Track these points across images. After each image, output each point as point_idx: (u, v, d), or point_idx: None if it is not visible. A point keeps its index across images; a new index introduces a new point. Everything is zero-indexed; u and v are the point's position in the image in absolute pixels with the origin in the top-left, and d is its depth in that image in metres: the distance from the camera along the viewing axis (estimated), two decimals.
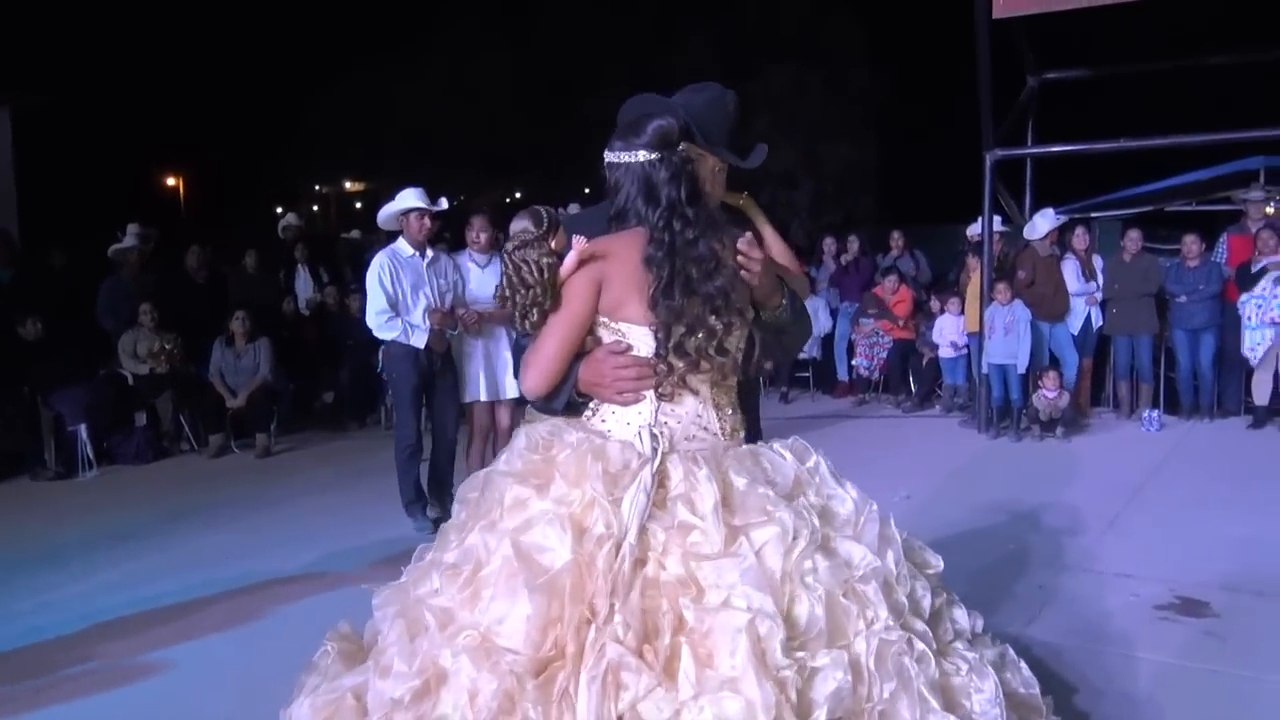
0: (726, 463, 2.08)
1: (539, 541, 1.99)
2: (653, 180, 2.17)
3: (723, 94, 2.44)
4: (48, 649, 4.13)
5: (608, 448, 2.08)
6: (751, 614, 1.87)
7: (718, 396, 2.19)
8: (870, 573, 2.03)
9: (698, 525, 1.97)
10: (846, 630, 1.97)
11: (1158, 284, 8.42)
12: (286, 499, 6.65)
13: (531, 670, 1.88)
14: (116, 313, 8.46)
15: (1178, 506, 5.80)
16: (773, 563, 1.94)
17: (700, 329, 2.12)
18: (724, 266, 2.13)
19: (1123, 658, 3.71)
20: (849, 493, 2.15)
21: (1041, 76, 9.55)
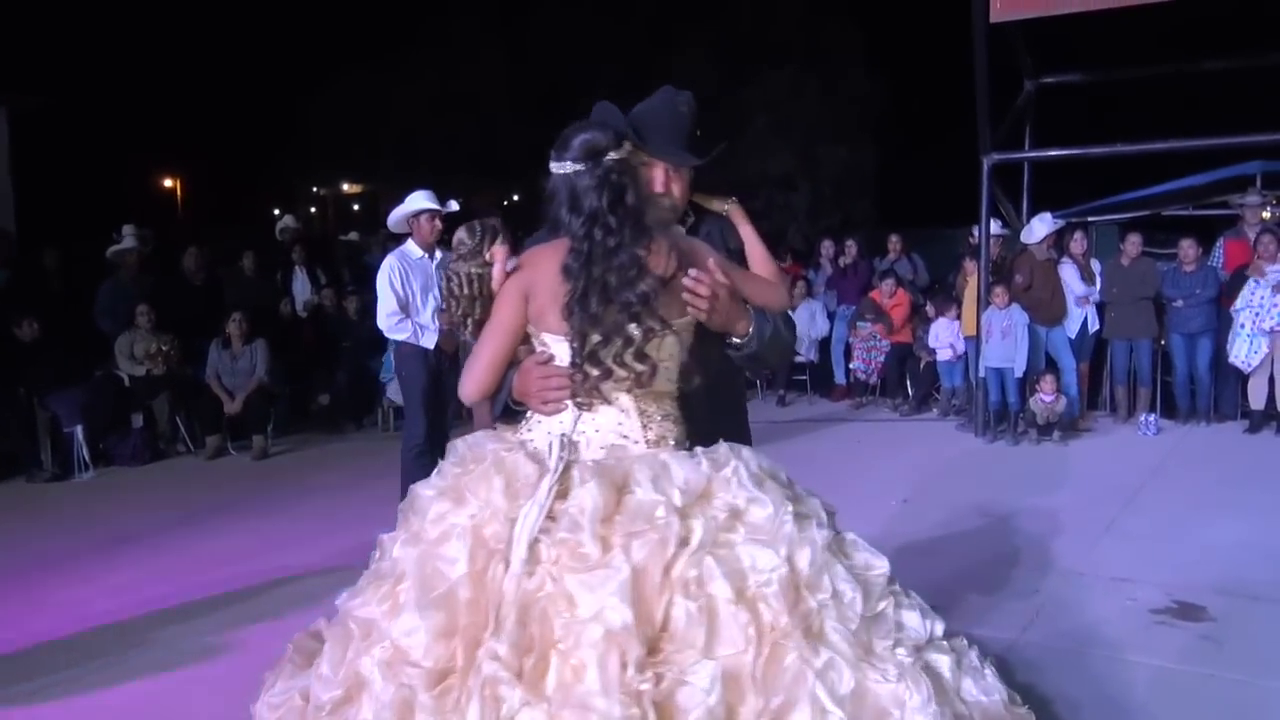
0: (632, 472, 2.06)
1: (448, 555, 2.04)
2: (576, 190, 2.19)
3: (674, 95, 2.46)
4: (42, 651, 4.12)
5: (511, 461, 2.12)
6: (606, 627, 1.87)
7: (644, 404, 2.17)
8: (774, 578, 1.97)
9: (576, 538, 1.98)
10: (735, 638, 1.91)
11: (1155, 288, 8.43)
12: (284, 501, 6.63)
13: (428, 682, 1.93)
14: (115, 314, 8.45)
15: (1175, 511, 5.80)
16: (651, 572, 1.93)
17: (617, 337, 2.13)
18: (647, 274, 2.12)
19: (1119, 662, 3.71)
20: (767, 496, 2.08)
21: (1039, 80, 9.56)
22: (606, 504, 2.01)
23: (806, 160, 18.94)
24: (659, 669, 1.87)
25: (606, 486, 2.02)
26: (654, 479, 2.04)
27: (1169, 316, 8.44)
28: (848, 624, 2.02)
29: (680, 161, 2.38)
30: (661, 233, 2.20)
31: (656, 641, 1.91)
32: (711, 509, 2.05)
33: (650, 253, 2.15)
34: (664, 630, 1.91)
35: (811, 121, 18.55)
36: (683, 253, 2.22)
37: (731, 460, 2.13)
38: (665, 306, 2.15)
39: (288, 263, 10.08)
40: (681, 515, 2.01)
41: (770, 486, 2.12)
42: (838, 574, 2.06)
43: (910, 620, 2.14)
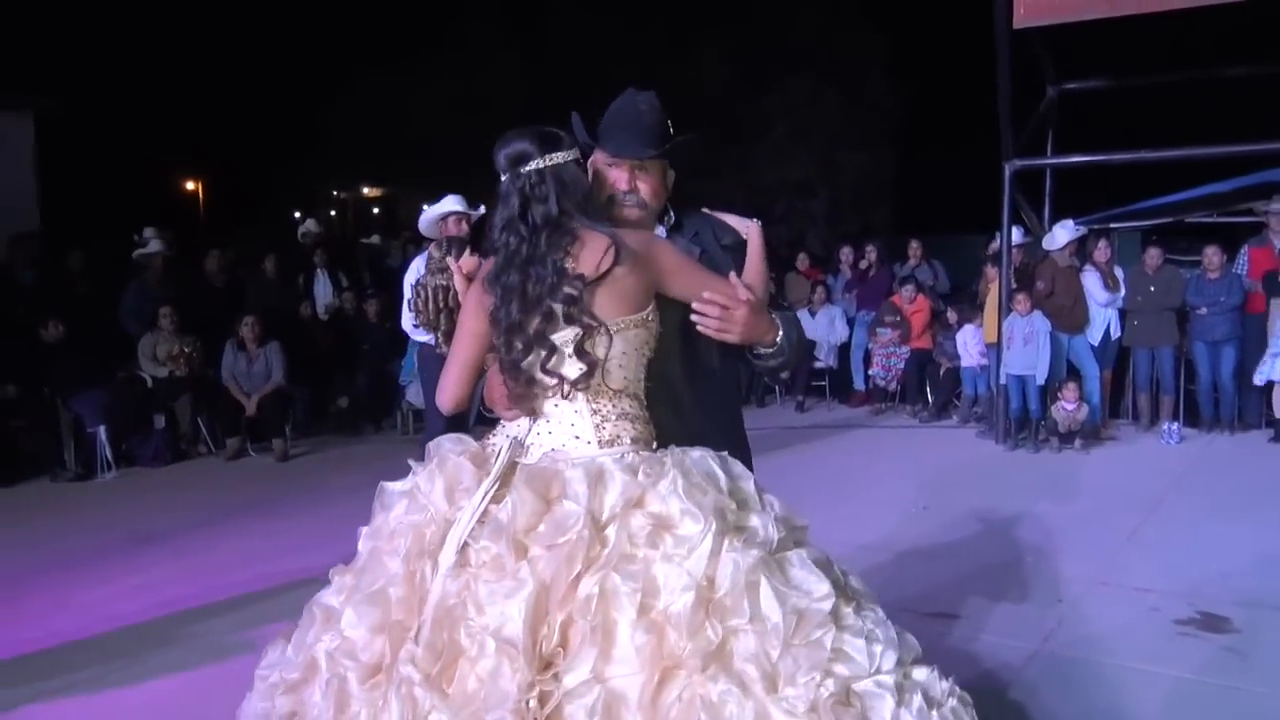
0: (566, 480, 2.03)
1: (394, 552, 2.08)
2: (501, 199, 2.23)
3: (634, 95, 2.45)
4: (65, 651, 4.15)
5: (454, 464, 2.13)
6: (500, 640, 1.87)
7: (598, 404, 2.15)
8: (681, 600, 1.90)
9: (496, 546, 1.97)
10: (629, 661, 1.86)
11: (1180, 297, 8.36)
12: (303, 503, 6.67)
13: (361, 675, 1.98)
14: (141, 316, 8.52)
15: (1198, 520, 5.75)
16: (557, 587, 1.91)
17: (539, 346, 2.14)
18: (568, 278, 2.12)
19: (1141, 673, 3.68)
20: (700, 509, 1.99)
21: (1061, 87, 9.51)
22: (532, 512, 1.99)
23: (825, 166, 18.91)
24: (547, 686, 1.85)
25: (533, 494, 2.01)
26: (587, 488, 2.00)
27: (1192, 324, 8.37)
28: (768, 652, 1.90)
29: (631, 155, 2.36)
30: (596, 231, 2.17)
31: (553, 658, 1.88)
32: (635, 520, 1.98)
33: (572, 255, 2.15)
34: (563, 647, 1.89)
35: (831, 128, 18.52)
36: (630, 250, 2.17)
37: (672, 469, 2.06)
38: (602, 305, 2.13)
39: (309, 265, 10.13)
40: (599, 528, 1.97)
41: (709, 498, 2.02)
42: (764, 597, 1.94)
43: (853, 649, 1.98)
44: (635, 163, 2.39)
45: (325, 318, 9.81)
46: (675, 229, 2.53)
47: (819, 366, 10.01)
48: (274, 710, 2.11)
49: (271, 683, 2.16)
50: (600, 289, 2.13)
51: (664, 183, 2.47)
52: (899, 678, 1.99)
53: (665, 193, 2.49)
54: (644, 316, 2.20)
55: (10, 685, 3.79)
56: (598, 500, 2.00)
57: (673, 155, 2.45)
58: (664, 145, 2.39)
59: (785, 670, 1.89)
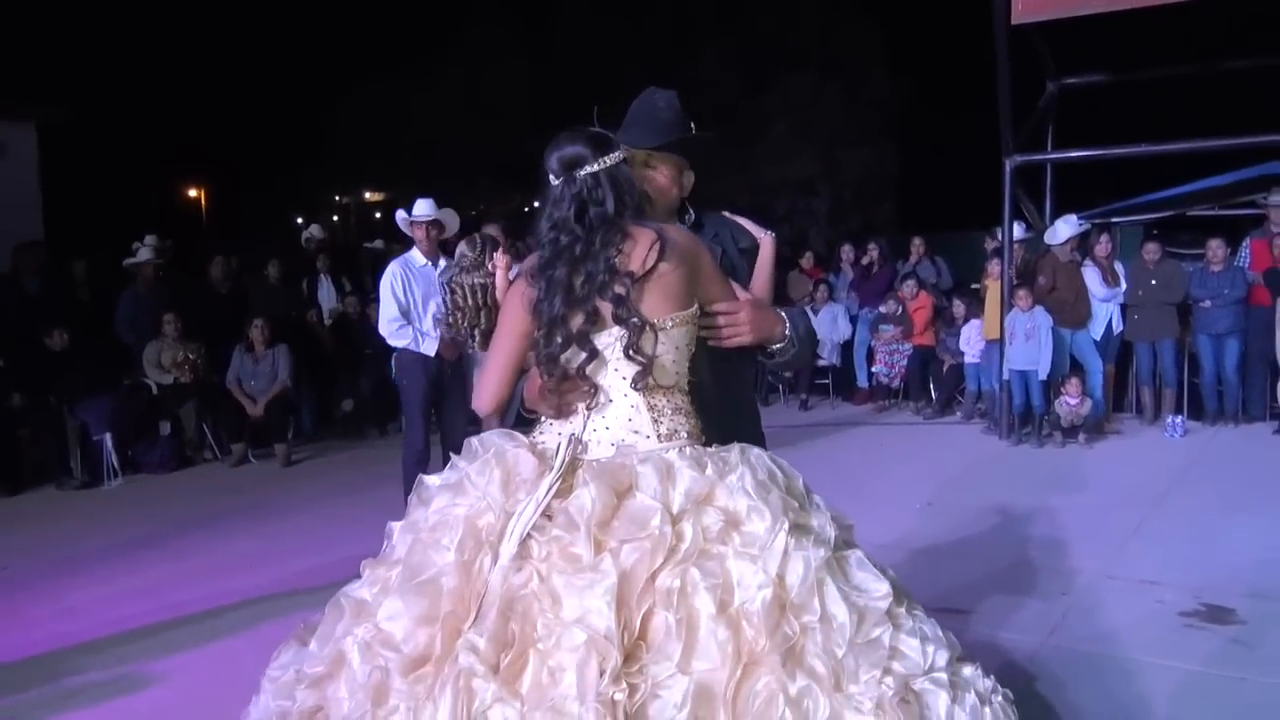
0: (636, 474, 2.04)
1: (440, 543, 2.06)
2: (553, 201, 2.22)
3: (651, 93, 2.49)
4: (71, 655, 4.16)
5: (512, 455, 2.13)
6: (590, 633, 1.85)
7: (653, 399, 2.16)
8: (758, 597, 1.92)
9: (570, 538, 1.97)
10: (712, 655, 1.87)
11: (1183, 290, 8.35)
12: (307, 507, 6.68)
13: (404, 667, 1.94)
14: (135, 325, 8.55)
15: (1203, 513, 5.74)
16: (637, 579, 1.91)
17: (580, 344, 2.14)
18: (619, 276, 2.12)
19: (1148, 666, 3.67)
20: (768, 506, 2.02)
21: (1061, 81, 9.51)
22: (605, 506, 1.99)
23: (827, 164, 18.92)
24: (634, 679, 1.84)
25: (607, 488, 2.01)
26: (659, 482, 2.02)
27: (1196, 317, 8.36)
28: (835, 649, 1.94)
29: (631, 143, 2.37)
30: (644, 226, 2.19)
31: (634, 650, 1.88)
32: (707, 516, 2.00)
33: (624, 253, 2.15)
34: (642, 639, 1.89)
35: (832, 125, 18.52)
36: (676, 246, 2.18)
37: (740, 464, 2.09)
38: (650, 303, 2.15)
39: (313, 271, 10.15)
40: (674, 521, 1.98)
41: (774, 495, 2.06)
42: (830, 596, 1.98)
43: (908, 648, 2.03)
44: (644, 157, 2.41)
45: (329, 322, 9.83)
46: (695, 228, 2.54)
47: (822, 364, 10.01)
48: (294, 706, 2.09)
49: (285, 681, 2.15)
50: (647, 285, 2.14)
51: (678, 180, 2.48)
52: (951, 675, 2.05)
53: (680, 190, 2.50)
54: (692, 314, 2.22)
55: (18, 689, 3.80)
56: (669, 495, 2.02)
57: (681, 150, 2.45)
58: (670, 137, 2.40)
59: (849, 668, 1.94)
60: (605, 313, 2.14)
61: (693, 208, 2.57)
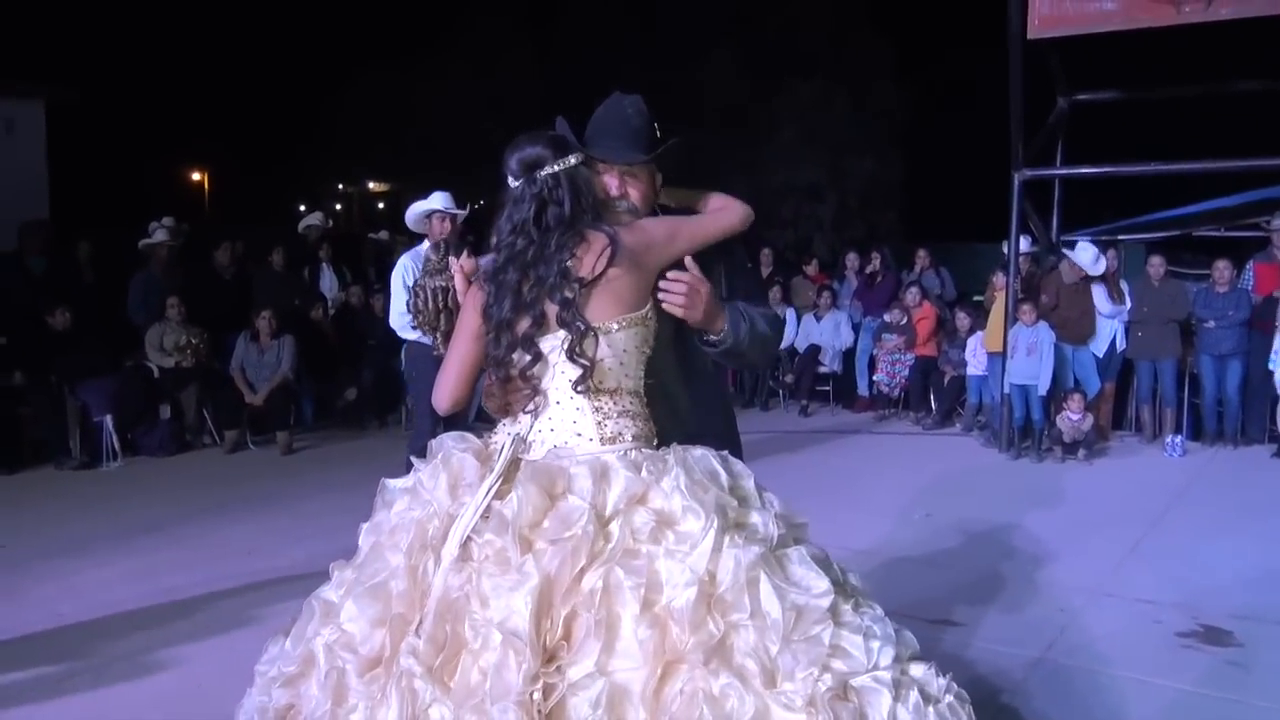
0: (571, 475, 2.06)
1: (395, 546, 2.10)
2: (513, 202, 2.26)
3: (620, 99, 2.48)
4: (70, 635, 4.18)
5: (457, 459, 2.16)
6: (506, 634, 1.88)
7: (599, 401, 2.17)
8: (683, 595, 1.91)
9: (500, 540, 1.99)
10: (632, 654, 1.88)
11: (1186, 310, 8.37)
12: (306, 495, 6.68)
13: (360, 668, 1.99)
14: (147, 307, 8.54)
15: (1201, 533, 5.75)
16: (561, 580, 1.93)
17: (525, 347, 2.18)
18: (570, 281, 2.16)
19: (1143, 685, 3.68)
20: (702, 506, 2.02)
21: (1072, 97, 9.52)
22: (537, 507, 2.01)
23: (833, 171, 18.93)
24: (551, 679, 1.86)
25: (538, 490, 2.03)
26: (592, 484, 2.03)
27: (1199, 338, 8.37)
28: (769, 646, 1.92)
29: (621, 159, 2.39)
30: (599, 230, 2.22)
31: (556, 651, 1.90)
32: (638, 516, 2.00)
33: (577, 256, 2.18)
34: (566, 640, 1.91)
35: (839, 133, 18.53)
36: (627, 250, 2.21)
37: (675, 466, 2.09)
38: (596, 308, 2.18)
39: (315, 260, 10.14)
40: (603, 523, 1.99)
41: (710, 494, 2.05)
42: (764, 593, 1.96)
43: (851, 645, 2.00)
44: (625, 167, 2.41)
45: (331, 312, 9.83)
46: None
47: (824, 371, 10.02)
48: (271, 703, 2.13)
49: (270, 677, 2.17)
50: (595, 290, 2.18)
51: (653, 186, 2.50)
52: (896, 674, 2.02)
53: (654, 196, 2.51)
54: (642, 315, 2.24)
55: (17, 667, 3.81)
56: (602, 496, 2.02)
57: (662, 160, 2.47)
58: (654, 151, 2.42)
59: (784, 665, 1.92)
60: (551, 315, 2.18)
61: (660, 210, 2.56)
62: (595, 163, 2.36)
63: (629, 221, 2.36)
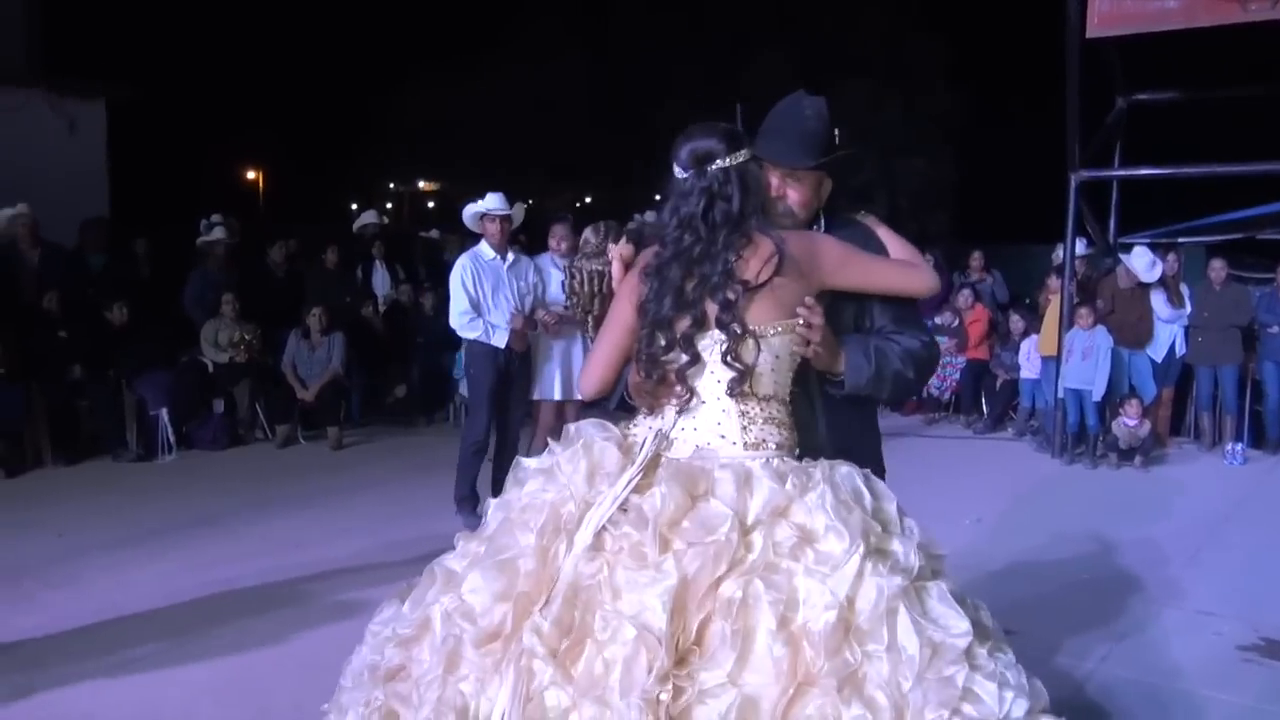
0: (714, 479, 2.03)
1: (526, 524, 2.09)
2: (680, 195, 2.20)
3: (799, 99, 2.44)
4: (125, 625, 4.25)
5: (599, 448, 2.13)
6: (641, 629, 1.85)
7: (745, 405, 2.14)
8: (822, 618, 1.88)
9: (638, 535, 1.97)
10: (765, 670, 1.84)
11: (1249, 314, 8.17)
12: (355, 490, 6.76)
13: (477, 639, 1.98)
14: (203, 302, 8.69)
15: (1263, 544, 5.61)
16: (699, 584, 1.90)
17: (684, 347, 2.13)
18: (733, 282, 2.11)
19: (1202, 699, 3.60)
20: (846, 528, 1.97)
21: (1131, 98, 9.33)
22: (677, 506, 1.99)
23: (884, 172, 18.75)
24: (681, 683, 1.83)
25: (681, 489, 2.00)
26: (735, 489, 2.00)
27: (1262, 343, 8.16)
28: (901, 681, 1.87)
29: (783, 161, 2.33)
30: (766, 235, 2.17)
31: (688, 655, 1.87)
32: (780, 530, 1.97)
33: (743, 258, 2.14)
34: (698, 645, 1.88)
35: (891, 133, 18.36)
36: (794, 260, 2.16)
37: (822, 482, 2.05)
38: (756, 312, 2.13)
39: (368, 258, 10.25)
40: (744, 532, 1.96)
41: (855, 516, 2.00)
42: (902, 626, 1.91)
43: (984, 691, 1.93)
44: (788, 170, 2.36)
45: (383, 310, 9.93)
46: None
47: None
48: (383, 662, 2.14)
49: (384, 637, 2.20)
50: (758, 296, 2.14)
51: (817, 193, 2.43)
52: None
53: (818, 203, 2.45)
54: (792, 323, 2.19)
55: (74, 656, 3.88)
56: (744, 503, 2.00)
57: (830, 169, 2.40)
58: (821, 157, 2.35)
59: (914, 702, 1.87)
60: (711, 316, 2.14)
61: (824, 215, 2.50)
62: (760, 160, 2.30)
63: (796, 228, 2.32)
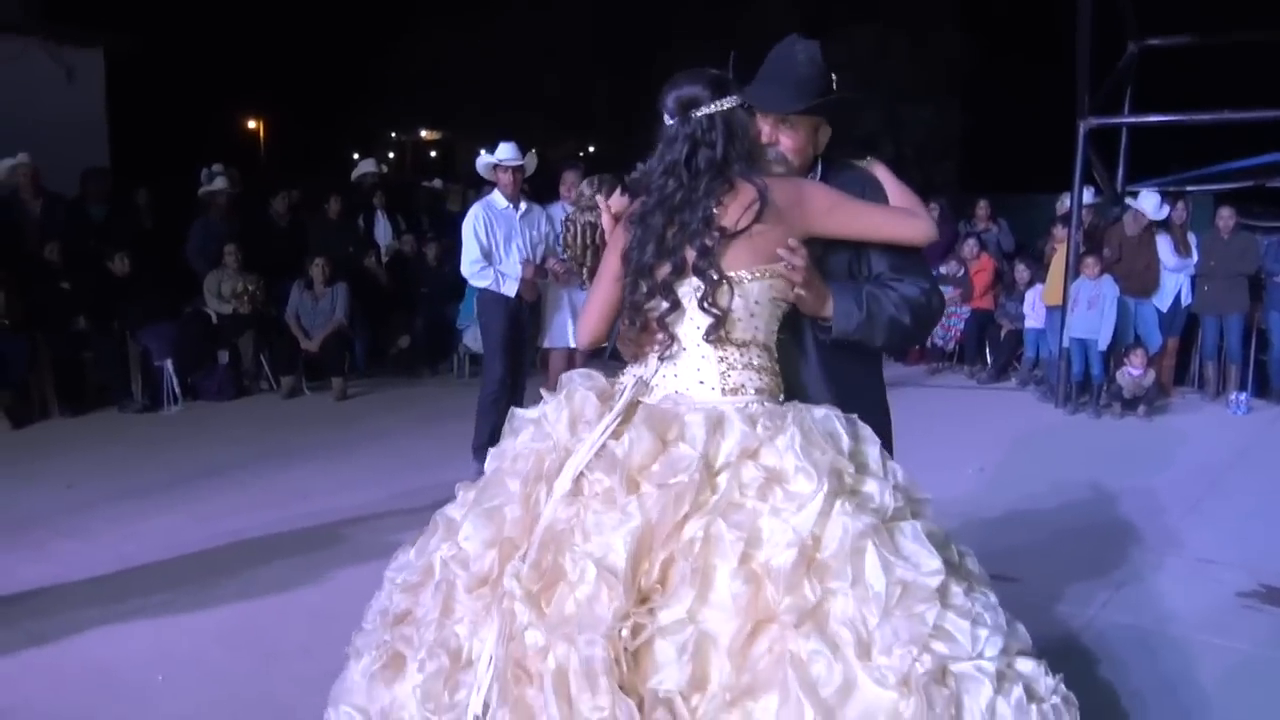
0: (685, 423, 2.06)
1: (516, 471, 2.16)
2: (666, 142, 2.23)
3: (793, 43, 2.38)
4: (133, 576, 4.30)
5: (579, 397, 2.19)
6: (602, 569, 1.90)
7: (724, 351, 2.15)
8: (784, 555, 1.89)
9: (610, 479, 2.02)
10: (724, 606, 1.87)
11: (1256, 263, 8.11)
12: (359, 441, 6.79)
13: (468, 584, 2.08)
14: (206, 253, 8.66)
15: (1265, 492, 5.62)
16: (663, 525, 1.94)
17: (663, 294, 2.16)
18: (711, 229, 2.12)
19: (1202, 645, 3.63)
20: (815, 468, 1.97)
21: (1143, 42, 9.18)
22: (647, 451, 2.03)
23: (890, 120, 18.54)
24: (642, 619, 1.88)
25: (651, 433, 2.05)
26: (705, 433, 2.02)
27: (1269, 292, 8.12)
28: (866, 618, 1.87)
29: (770, 107, 2.29)
30: (749, 182, 2.16)
31: (650, 593, 1.92)
32: (746, 471, 1.99)
33: (723, 204, 2.14)
34: (661, 584, 1.92)
35: (897, 80, 18.11)
36: (775, 207, 2.15)
37: (791, 425, 2.05)
38: (734, 258, 2.14)
39: (369, 208, 10.19)
40: (712, 474, 1.99)
41: (826, 456, 2.00)
42: (869, 564, 1.91)
43: (956, 629, 1.92)
44: (780, 116, 2.33)
45: (385, 260, 9.89)
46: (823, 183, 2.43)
47: None
48: (392, 607, 2.23)
49: (396, 583, 2.28)
50: (737, 242, 2.14)
51: (813, 140, 2.39)
52: (1002, 666, 1.95)
53: (814, 150, 2.41)
54: (771, 269, 2.18)
55: (85, 605, 3.93)
56: (714, 447, 2.02)
57: (820, 113, 2.35)
58: (810, 101, 2.30)
59: (882, 639, 1.87)
60: (690, 261, 2.15)
61: (823, 161, 2.45)
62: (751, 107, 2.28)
63: (783, 173, 2.31)
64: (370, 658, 2.19)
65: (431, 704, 2.00)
